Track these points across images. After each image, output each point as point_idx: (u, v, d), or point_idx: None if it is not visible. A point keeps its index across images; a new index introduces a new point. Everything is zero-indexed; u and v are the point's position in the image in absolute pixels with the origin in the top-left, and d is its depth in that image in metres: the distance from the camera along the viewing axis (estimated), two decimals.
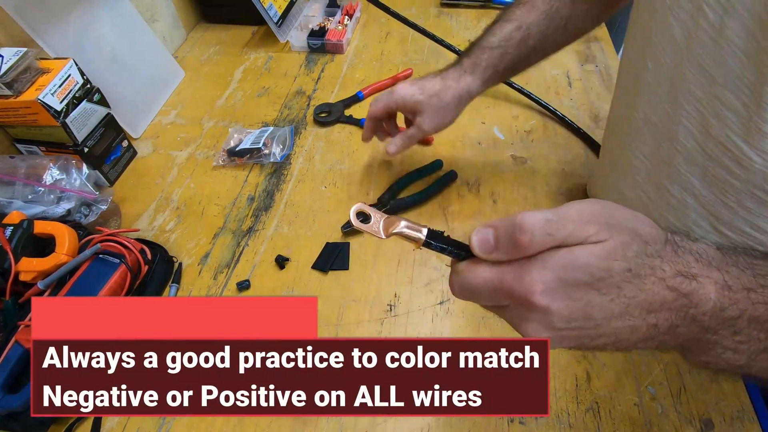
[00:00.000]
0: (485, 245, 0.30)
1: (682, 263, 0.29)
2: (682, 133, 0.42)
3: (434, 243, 0.32)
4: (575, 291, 0.28)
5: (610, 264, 0.27)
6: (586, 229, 0.28)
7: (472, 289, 0.31)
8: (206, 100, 0.89)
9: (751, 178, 0.38)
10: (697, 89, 0.40)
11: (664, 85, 0.44)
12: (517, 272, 0.29)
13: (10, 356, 0.51)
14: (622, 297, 0.28)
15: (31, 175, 0.65)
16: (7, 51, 0.63)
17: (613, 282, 0.28)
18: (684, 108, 0.42)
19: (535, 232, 0.27)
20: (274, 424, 0.50)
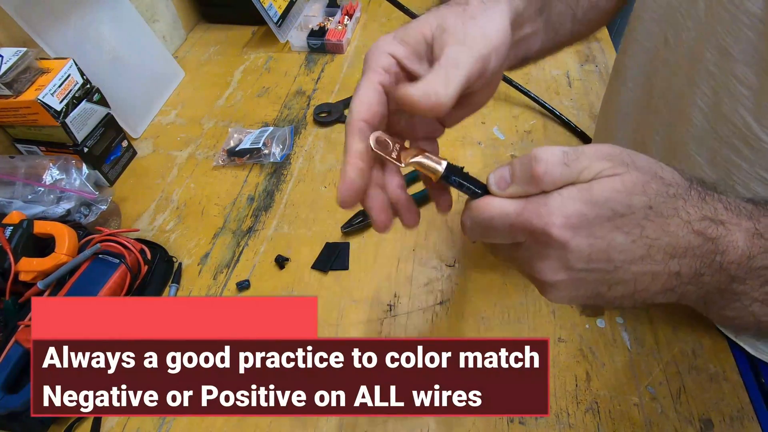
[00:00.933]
0: (501, 181, 0.29)
1: (708, 209, 0.27)
2: (695, 112, 0.42)
3: (453, 177, 0.30)
4: (596, 228, 0.26)
5: (630, 198, 0.26)
6: (601, 164, 0.26)
7: (486, 224, 0.29)
8: (206, 100, 0.89)
9: (759, 159, 0.38)
10: (713, 67, 0.39)
11: (682, 63, 0.43)
12: (535, 204, 0.27)
13: (10, 356, 0.51)
14: (644, 238, 0.26)
15: (31, 175, 0.65)
16: (7, 51, 0.63)
17: (635, 220, 0.26)
18: (698, 87, 0.41)
19: (549, 162, 0.26)
20: (274, 424, 0.50)
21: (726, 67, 0.38)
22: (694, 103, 0.42)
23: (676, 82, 0.45)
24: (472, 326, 0.57)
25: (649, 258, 0.27)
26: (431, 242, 0.65)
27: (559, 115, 0.81)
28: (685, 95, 0.43)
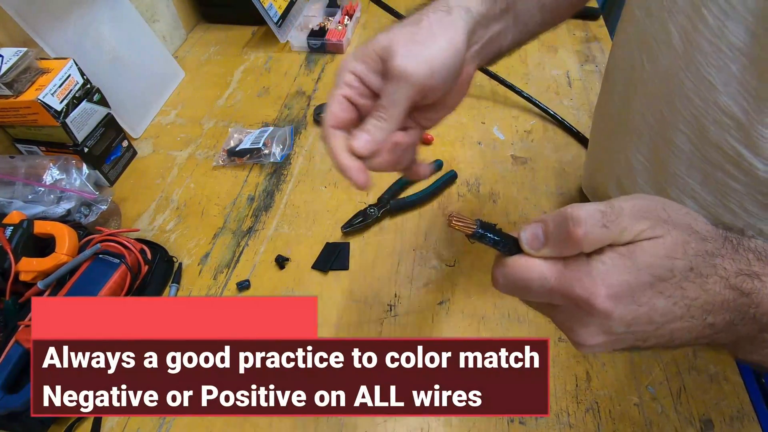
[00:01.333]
0: (534, 241, 0.28)
1: (743, 261, 0.27)
2: (679, 137, 0.42)
3: (486, 234, 0.30)
4: (639, 295, 0.26)
5: (672, 263, 0.26)
6: (640, 225, 0.26)
7: (522, 285, 0.29)
8: (206, 100, 0.89)
9: (753, 183, 0.38)
10: (694, 96, 0.39)
11: (660, 88, 0.43)
12: (577, 272, 0.27)
13: (10, 356, 0.51)
14: (685, 299, 0.27)
15: (31, 175, 0.65)
16: (7, 51, 0.63)
17: (676, 282, 0.26)
18: (680, 113, 0.41)
19: (589, 225, 0.26)
20: (274, 424, 0.50)
21: (708, 96, 0.38)
22: (677, 127, 0.42)
23: (655, 105, 0.44)
24: (472, 326, 0.57)
25: (688, 315, 0.27)
26: (431, 242, 0.65)
27: (552, 114, 0.81)
28: (666, 119, 0.43)
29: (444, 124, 0.81)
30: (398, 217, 0.69)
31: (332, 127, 0.37)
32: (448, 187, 0.72)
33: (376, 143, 0.36)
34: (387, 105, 0.35)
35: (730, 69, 0.36)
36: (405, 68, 0.34)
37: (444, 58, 0.35)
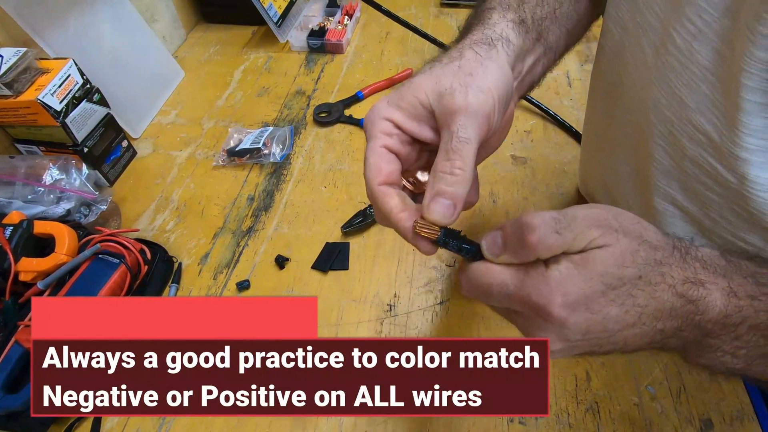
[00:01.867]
0: (493, 247, 0.29)
1: (690, 270, 0.29)
2: (657, 150, 0.42)
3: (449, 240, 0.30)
4: (593, 303, 0.27)
5: (622, 271, 0.27)
6: (591, 232, 0.27)
7: (484, 289, 0.30)
8: (206, 100, 0.89)
9: (729, 195, 0.38)
10: (668, 112, 0.39)
11: (637, 102, 0.43)
12: (534, 280, 0.28)
13: (10, 356, 0.51)
14: (636, 306, 0.28)
15: (30, 175, 0.65)
16: (7, 51, 0.63)
17: (627, 290, 0.28)
18: (656, 127, 0.41)
19: (541, 230, 0.27)
20: (274, 424, 0.50)
21: (682, 114, 0.38)
22: (655, 141, 0.42)
23: (633, 118, 0.45)
24: (472, 326, 0.57)
25: (639, 323, 0.28)
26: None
27: (554, 115, 0.81)
28: (644, 132, 0.43)
29: None
30: None
31: (381, 185, 0.32)
32: None
33: (460, 202, 0.30)
34: (457, 148, 0.30)
35: (701, 88, 0.36)
36: (469, 102, 0.31)
37: (501, 86, 0.33)
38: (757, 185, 0.35)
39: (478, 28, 0.36)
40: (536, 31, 0.39)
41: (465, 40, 0.35)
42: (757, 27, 0.30)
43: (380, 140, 0.33)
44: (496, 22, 0.37)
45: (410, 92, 0.33)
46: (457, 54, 0.34)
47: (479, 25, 0.37)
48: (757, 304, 0.29)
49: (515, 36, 0.36)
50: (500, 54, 0.34)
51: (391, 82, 0.89)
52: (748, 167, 0.35)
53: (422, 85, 0.33)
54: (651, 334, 0.29)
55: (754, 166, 0.35)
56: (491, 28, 0.36)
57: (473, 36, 0.36)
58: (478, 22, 0.38)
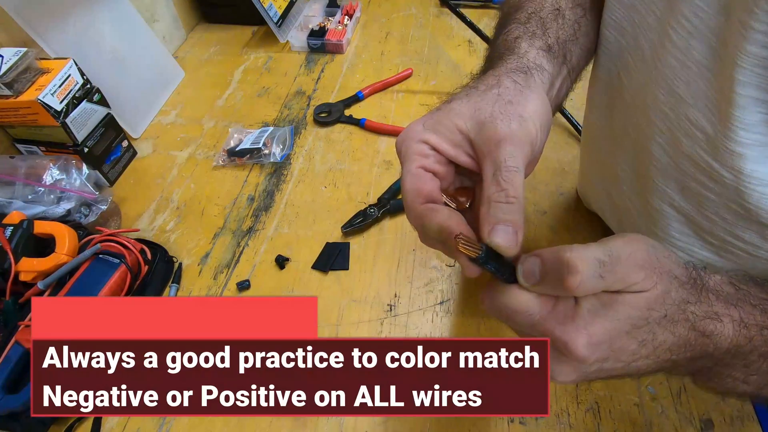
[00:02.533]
0: (530, 277, 0.28)
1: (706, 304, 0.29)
2: (656, 149, 0.42)
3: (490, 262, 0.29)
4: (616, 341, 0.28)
5: (650, 313, 0.28)
6: (635, 276, 0.27)
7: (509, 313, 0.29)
8: (206, 100, 0.89)
9: (725, 192, 0.38)
10: (666, 108, 0.40)
11: (636, 101, 0.44)
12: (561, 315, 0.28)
13: (10, 356, 0.51)
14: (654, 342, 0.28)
15: (31, 175, 0.65)
16: (7, 51, 0.63)
17: (649, 329, 0.28)
18: (656, 125, 0.41)
19: (585, 275, 0.26)
20: (274, 424, 0.50)
21: (679, 110, 0.39)
22: (654, 139, 0.42)
23: (633, 118, 0.45)
24: (472, 326, 0.57)
25: (653, 355, 0.29)
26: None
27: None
28: (644, 131, 0.43)
29: None
30: (398, 217, 0.69)
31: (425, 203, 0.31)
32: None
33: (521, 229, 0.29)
34: (508, 178, 0.29)
35: (697, 84, 0.37)
36: (513, 130, 0.31)
37: (543, 115, 0.33)
38: (753, 180, 0.36)
39: (511, 57, 0.36)
40: (561, 54, 0.40)
41: (500, 68, 0.35)
42: (750, 22, 0.31)
43: (417, 161, 0.32)
44: (527, 50, 0.37)
45: (448, 117, 0.32)
46: (494, 81, 0.34)
47: (511, 54, 0.37)
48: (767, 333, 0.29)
49: (547, 63, 0.37)
50: (537, 82, 0.35)
51: (391, 83, 0.89)
52: (743, 162, 0.35)
53: (461, 112, 0.32)
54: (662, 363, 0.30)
55: (749, 161, 0.35)
56: (524, 57, 0.36)
57: (508, 64, 0.35)
58: (509, 52, 0.38)
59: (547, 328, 0.28)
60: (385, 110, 0.85)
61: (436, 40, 0.99)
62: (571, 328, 0.27)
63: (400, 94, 0.88)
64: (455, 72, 0.91)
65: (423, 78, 0.91)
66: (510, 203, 0.29)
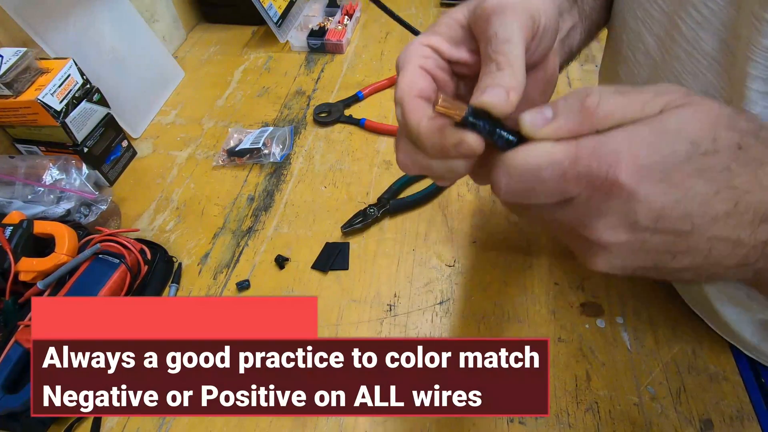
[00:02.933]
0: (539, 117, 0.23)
1: None
2: None
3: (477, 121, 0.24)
4: (673, 171, 0.20)
5: (716, 131, 0.20)
6: (668, 95, 0.21)
7: (532, 177, 0.22)
8: (206, 100, 0.89)
9: None
10: None
11: None
12: (594, 143, 0.21)
13: (10, 356, 0.51)
14: (732, 188, 0.20)
15: (30, 175, 0.65)
16: (7, 51, 0.63)
17: (722, 161, 0.20)
18: None
19: (603, 93, 0.21)
20: (274, 424, 0.50)
21: None
22: None
23: None
24: (472, 326, 0.57)
25: (736, 214, 0.21)
26: (431, 242, 0.65)
27: None
28: None
29: None
30: (398, 217, 0.69)
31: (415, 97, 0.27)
32: (447, 187, 0.72)
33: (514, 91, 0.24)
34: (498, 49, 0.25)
35: (706, 77, 0.36)
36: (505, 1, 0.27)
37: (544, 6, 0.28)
38: None
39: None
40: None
41: None
42: (763, 14, 0.30)
43: (416, 62, 0.29)
44: None
45: (446, 16, 0.30)
46: None
47: None
48: None
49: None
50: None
51: (391, 82, 0.89)
52: None
53: (458, 8, 0.29)
54: (748, 246, 0.21)
55: None
56: None
57: None
58: None
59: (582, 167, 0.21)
60: (385, 110, 0.85)
61: None
62: (608, 153, 0.20)
63: None
64: None
65: None
66: (500, 69, 0.25)
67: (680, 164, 0.20)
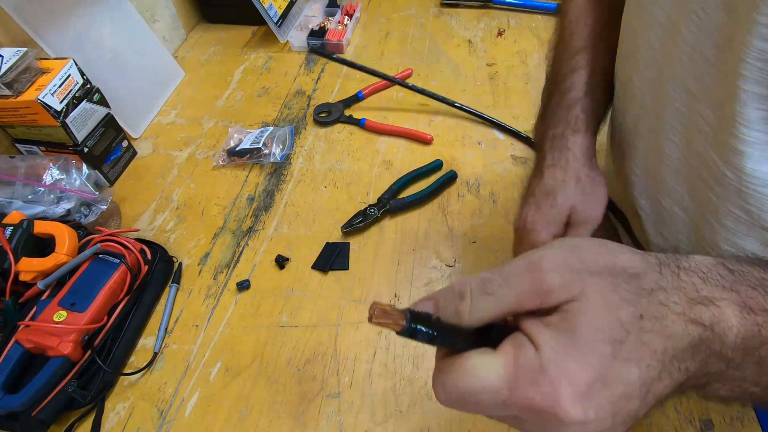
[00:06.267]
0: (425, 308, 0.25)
1: (690, 288, 0.24)
2: (669, 146, 0.43)
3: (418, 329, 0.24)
4: (609, 373, 0.22)
5: (619, 315, 0.22)
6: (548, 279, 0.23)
7: (470, 398, 0.23)
8: (206, 100, 0.89)
9: (726, 194, 0.38)
10: (680, 105, 0.40)
11: (648, 99, 0.44)
12: (530, 374, 0.22)
13: (10, 356, 0.51)
14: (654, 355, 0.22)
15: (31, 175, 0.65)
16: (7, 51, 0.63)
17: (635, 340, 0.22)
18: (668, 123, 0.42)
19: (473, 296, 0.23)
20: (274, 424, 0.50)
21: (693, 107, 0.39)
22: (667, 137, 0.42)
23: (646, 117, 0.45)
24: None
25: (665, 372, 0.23)
26: (431, 242, 0.65)
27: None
28: (657, 130, 0.44)
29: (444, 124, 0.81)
30: (398, 217, 0.69)
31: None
32: (447, 187, 0.72)
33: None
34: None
35: (704, 80, 0.37)
36: (592, 215, 0.45)
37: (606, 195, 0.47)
38: (754, 179, 0.35)
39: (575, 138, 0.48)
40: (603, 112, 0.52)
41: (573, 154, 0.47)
42: (755, 16, 0.31)
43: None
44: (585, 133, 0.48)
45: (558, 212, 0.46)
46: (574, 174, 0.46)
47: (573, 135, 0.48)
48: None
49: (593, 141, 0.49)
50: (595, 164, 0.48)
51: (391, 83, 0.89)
52: (745, 160, 0.35)
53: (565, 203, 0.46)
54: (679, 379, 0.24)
55: (750, 159, 0.35)
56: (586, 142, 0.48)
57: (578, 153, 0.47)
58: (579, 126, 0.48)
59: (523, 401, 0.22)
60: (385, 110, 0.85)
61: (436, 40, 0.99)
62: (548, 386, 0.21)
63: (400, 94, 0.88)
64: (455, 72, 0.91)
65: (423, 78, 0.91)
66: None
67: (611, 365, 0.22)
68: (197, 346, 0.57)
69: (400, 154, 0.77)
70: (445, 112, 0.84)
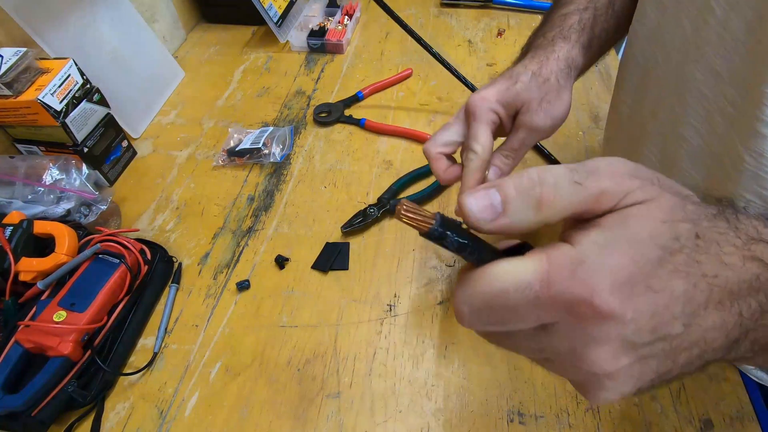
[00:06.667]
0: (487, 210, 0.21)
1: (751, 229, 0.22)
2: (689, 131, 0.43)
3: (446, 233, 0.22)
4: (652, 276, 0.20)
5: (676, 228, 0.20)
6: (625, 183, 0.21)
7: (497, 304, 0.21)
8: (206, 100, 0.89)
9: (743, 180, 0.38)
10: (704, 88, 0.40)
11: (672, 83, 0.44)
12: (565, 265, 0.20)
13: (10, 356, 0.51)
14: (705, 278, 0.20)
15: (31, 175, 0.65)
16: (7, 51, 0.63)
17: (689, 256, 0.20)
18: (691, 106, 0.42)
19: (559, 182, 0.21)
20: (274, 424, 0.50)
21: (717, 88, 0.39)
22: (687, 122, 0.42)
23: (666, 101, 0.45)
24: None
25: (713, 301, 0.21)
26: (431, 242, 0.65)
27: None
28: (677, 114, 0.44)
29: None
30: None
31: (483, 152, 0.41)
32: (448, 187, 0.72)
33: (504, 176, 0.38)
34: (517, 148, 0.43)
35: (733, 60, 0.37)
36: (538, 124, 0.42)
37: (564, 113, 0.44)
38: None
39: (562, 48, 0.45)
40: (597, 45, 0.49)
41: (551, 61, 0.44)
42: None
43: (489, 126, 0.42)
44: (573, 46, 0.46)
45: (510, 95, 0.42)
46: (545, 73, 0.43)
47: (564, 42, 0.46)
48: None
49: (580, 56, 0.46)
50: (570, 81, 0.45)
51: (391, 83, 0.89)
52: (766, 144, 0.35)
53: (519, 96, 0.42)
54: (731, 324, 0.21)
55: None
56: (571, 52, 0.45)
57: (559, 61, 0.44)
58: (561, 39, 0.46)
59: (556, 291, 0.20)
60: (385, 110, 0.85)
61: (436, 40, 0.99)
62: (585, 275, 0.19)
63: (400, 94, 0.88)
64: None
65: (423, 78, 0.91)
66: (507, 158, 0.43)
67: (656, 270, 0.20)
68: (197, 346, 0.57)
69: (400, 154, 0.77)
70: (445, 112, 0.84)
